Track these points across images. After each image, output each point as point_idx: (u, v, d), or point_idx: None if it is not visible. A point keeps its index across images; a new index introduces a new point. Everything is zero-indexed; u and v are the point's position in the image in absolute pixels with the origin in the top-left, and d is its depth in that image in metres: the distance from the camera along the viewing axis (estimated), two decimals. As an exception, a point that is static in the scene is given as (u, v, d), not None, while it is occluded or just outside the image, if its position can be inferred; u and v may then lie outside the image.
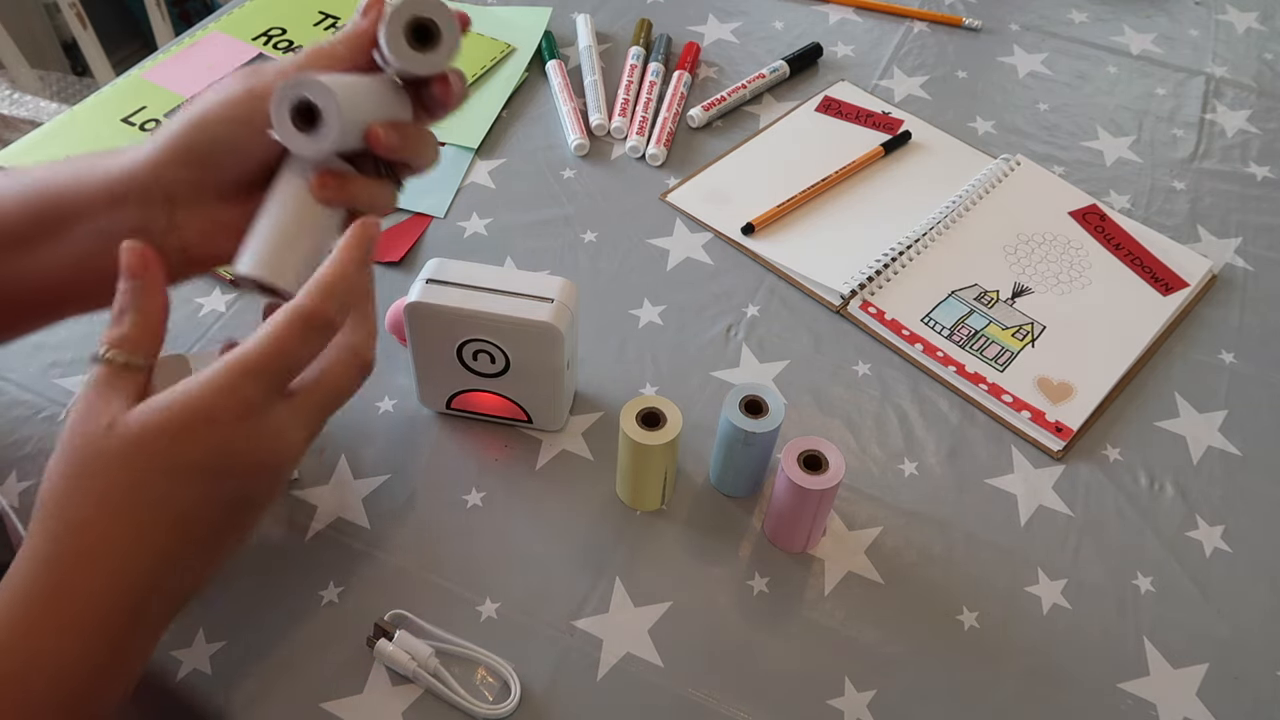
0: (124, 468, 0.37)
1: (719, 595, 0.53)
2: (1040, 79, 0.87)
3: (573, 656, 0.50)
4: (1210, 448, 0.61)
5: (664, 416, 0.52)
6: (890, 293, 0.67)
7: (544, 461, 0.58)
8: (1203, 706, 0.50)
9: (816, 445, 0.51)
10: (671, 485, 0.56)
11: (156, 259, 0.40)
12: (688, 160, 0.77)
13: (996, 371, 0.63)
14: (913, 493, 0.58)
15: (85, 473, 0.37)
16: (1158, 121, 0.83)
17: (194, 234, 0.44)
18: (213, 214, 0.44)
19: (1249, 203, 0.77)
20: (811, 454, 0.51)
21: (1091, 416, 0.62)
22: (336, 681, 0.49)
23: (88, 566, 0.36)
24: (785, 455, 0.51)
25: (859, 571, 0.54)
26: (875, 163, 0.77)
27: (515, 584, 0.53)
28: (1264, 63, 0.90)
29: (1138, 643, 0.53)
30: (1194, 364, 0.66)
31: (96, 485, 0.37)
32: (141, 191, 0.43)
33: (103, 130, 0.74)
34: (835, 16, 0.92)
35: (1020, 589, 0.54)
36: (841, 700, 0.50)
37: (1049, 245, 0.72)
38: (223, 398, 0.37)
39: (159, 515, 0.37)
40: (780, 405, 0.52)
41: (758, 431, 0.51)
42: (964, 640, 0.52)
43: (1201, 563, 0.56)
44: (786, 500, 0.51)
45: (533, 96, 0.81)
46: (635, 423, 0.51)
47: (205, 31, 0.83)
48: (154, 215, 0.43)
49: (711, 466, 0.57)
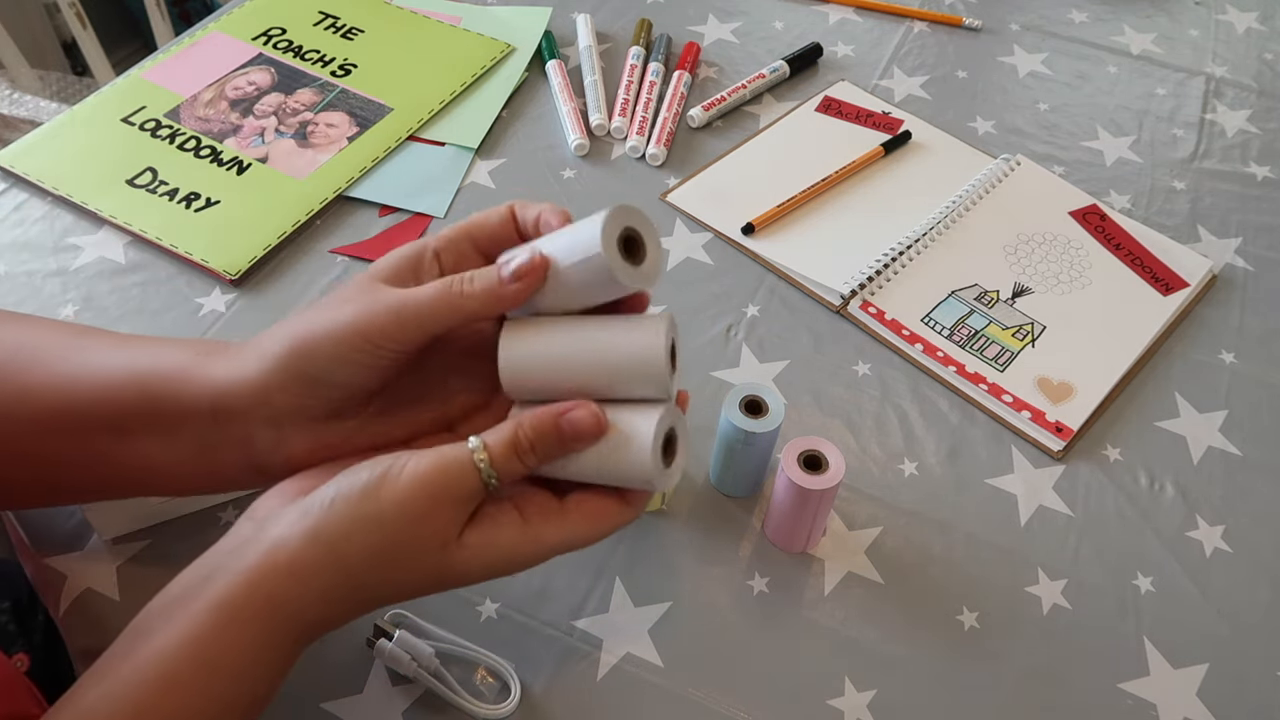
0: (422, 576, 0.39)
1: (719, 595, 0.53)
2: (1040, 79, 0.87)
3: (573, 656, 0.50)
4: (1210, 448, 0.61)
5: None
6: (890, 293, 0.67)
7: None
8: (1203, 706, 0.50)
9: (816, 445, 0.51)
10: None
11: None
12: (688, 160, 0.77)
13: (996, 371, 0.63)
14: (913, 493, 0.58)
15: (392, 562, 0.38)
16: (1158, 121, 0.83)
17: (299, 450, 0.42)
18: (319, 434, 0.42)
19: (1249, 203, 0.77)
20: (811, 454, 0.51)
21: (1092, 416, 0.62)
22: (336, 681, 0.49)
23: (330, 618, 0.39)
24: (785, 455, 0.51)
25: (859, 571, 0.54)
26: (875, 163, 0.77)
27: (515, 584, 0.53)
28: (1264, 63, 0.90)
29: (1138, 643, 0.53)
30: (1194, 364, 0.66)
31: (394, 576, 0.39)
32: (247, 411, 0.41)
33: (103, 130, 0.74)
34: (835, 16, 0.91)
35: (1020, 589, 0.54)
36: (841, 700, 0.50)
37: (1049, 245, 0.72)
38: (549, 552, 0.40)
39: (398, 598, 0.41)
40: (780, 405, 0.52)
41: (758, 432, 0.51)
42: (964, 640, 0.52)
43: (1202, 563, 0.56)
44: (786, 500, 0.51)
45: (533, 96, 0.81)
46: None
47: (205, 31, 0.83)
48: (260, 433, 0.41)
49: (711, 466, 0.57)
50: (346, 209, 0.72)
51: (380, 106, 0.78)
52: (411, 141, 0.76)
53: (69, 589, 0.52)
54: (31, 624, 0.55)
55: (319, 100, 0.78)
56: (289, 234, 0.69)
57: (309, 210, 0.70)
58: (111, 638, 0.38)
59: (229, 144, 0.74)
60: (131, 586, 0.52)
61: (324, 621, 0.40)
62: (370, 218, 0.71)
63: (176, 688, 0.36)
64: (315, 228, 0.70)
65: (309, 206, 0.70)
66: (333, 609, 0.39)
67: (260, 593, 0.37)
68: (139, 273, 0.66)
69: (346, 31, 0.84)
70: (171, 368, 0.42)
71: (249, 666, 0.38)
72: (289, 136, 0.75)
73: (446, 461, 0.38)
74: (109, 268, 0.67)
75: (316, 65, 0.81)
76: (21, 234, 0.68)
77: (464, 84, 0.80)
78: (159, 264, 0.67)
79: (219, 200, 0.70)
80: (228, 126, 0.75)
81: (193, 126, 0.75)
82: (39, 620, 0.55)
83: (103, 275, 0.66)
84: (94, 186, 0.71)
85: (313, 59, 0.81)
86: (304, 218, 0.70)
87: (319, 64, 0.81)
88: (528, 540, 0.40)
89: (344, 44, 0.83)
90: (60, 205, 0.70)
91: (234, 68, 0.80)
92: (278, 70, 0.80)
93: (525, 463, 0.39)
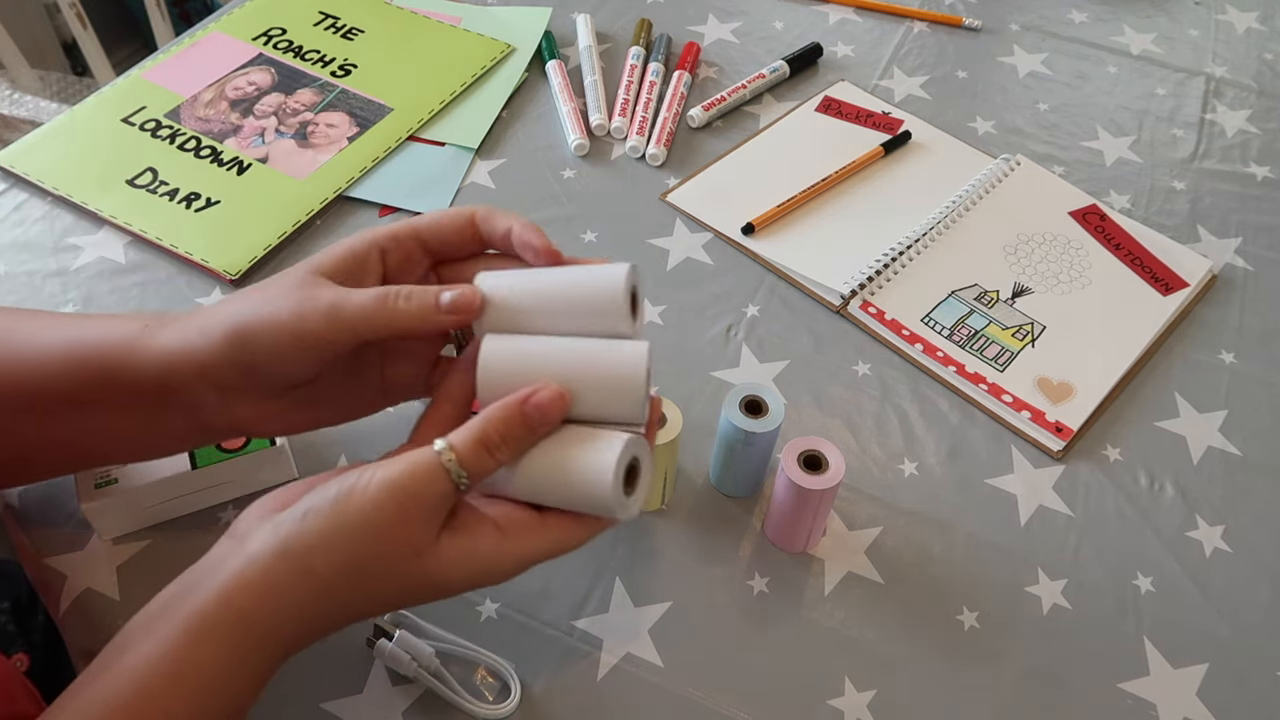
0: (401, 586, 0.39)
1: (719, 595, 0.53)
2: (1040, 79, 0.87)
3: (573, 657, 0.50)
4: (1210, 448, 0.61)
5: (664, 416, 0.52)
6: (890, 293, 0.67)
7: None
8: (1203, 706, 0.50)
9: (816, 445, 0.51)
10: (671, 485, 0.56)
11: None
12: (688, 160, 0.77)
13: (996, 371, 0.63)
14: (913, 493, 0.58)
15: (367, 573, 0.38)
16: (1158, 121, 0.83)
17: (245, 416, 0.44)
18: (263, 404, 0.43)
19: (1249, 203, 0.77)
20: (811, 454, 0.51)
21: (1091, 416, 0.62)
22: (337, 681, 0.49)
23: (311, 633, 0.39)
24: (785, 455, 0.51)
25: (859, 571, 0.54)
26: (875, 163, 0.77)
27: (515, 584, 0.52)
28: (1264, 63, 0.90)
29: (1138, 643, 0.53)
30: (1194, 364, 0.66)
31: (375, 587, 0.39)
32: (191, 381, 0.42)
33: (103, 130, 0.74)
34: (835, 16, 0.91)
35: (1020, 589, 0.54)
36: (841, 700, 0.50)
37: (1049, 245, 0.72)
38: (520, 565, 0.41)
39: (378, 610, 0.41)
40: (780, 405, 0.52)
41: (758, 431, 0.51)
42: (964, 640, 0.52)
43: (1201, 562, 0.56)
44: (786, 500, 0.51)
45: (533, 97, 0.82)
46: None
47: (205, 32, 0.83)
48: (206, 399, 0.43)
49: (711, 466, 0.57)
50: (347, 209, 0.72)
51: (380, 107, 0.78)
52: (411, 142, 0.76)
53: (69, 589, 0.52)
54: (31, 624, 0.55)
55: (319, 100, 0.78)
56: (289, 234, 0.69)
57: (309, 210, 0.70)
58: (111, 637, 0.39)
59: (229, 144, 0.74)
60: (131, 586, 0.52)
61: (300, 636, 0.39)
62: (370, 218, 0.71)
63: (150, 701, 0.37)
64: (315, 228, 0.70)
65: (309, 207, 0.70)
66: (308, 625, 0.39)
67: (231, 609, 0.37)
68: (139, 273, 0.66)
69: (347, 32, 0.84)
70: (120, 341, 0.43)
71: (222, 682, 0.38)
72: (289, 137, 0.75)
73: (414, 467, 0.38)
74: (109, 268, 0.67)
75: (317, 65, 0.81)
76: (22, 234, 0.68)
77: (464, 84, 0.80)
78: (159, 264, 0.67)
79: (219, 200, 0.70)
80: (228, 127, 0.75)
81: (193, 127, 0.75)
82: (39, 620, 0.55)
83: (103, 275, 0.66)
84: (94, 186, 0.71)
85: (313, 59, 0.81)
86: (304, 218, 0.70)
87: (319, 64, 0.81)
88: (506, 549, 0.40)
89: (344, 44, 0.83)
90: (60, 205, 0.70)
91: (234, 68, 0.80)
92: (278, 70, 0.80)
93: (496, 457, 0.39)
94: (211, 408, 0.43)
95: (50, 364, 0.44)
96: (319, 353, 0.41)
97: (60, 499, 0.54)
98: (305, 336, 0.40)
